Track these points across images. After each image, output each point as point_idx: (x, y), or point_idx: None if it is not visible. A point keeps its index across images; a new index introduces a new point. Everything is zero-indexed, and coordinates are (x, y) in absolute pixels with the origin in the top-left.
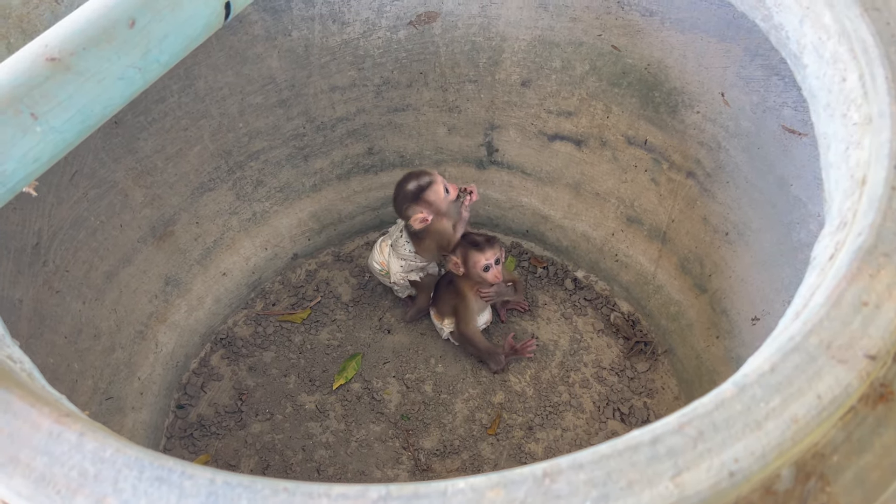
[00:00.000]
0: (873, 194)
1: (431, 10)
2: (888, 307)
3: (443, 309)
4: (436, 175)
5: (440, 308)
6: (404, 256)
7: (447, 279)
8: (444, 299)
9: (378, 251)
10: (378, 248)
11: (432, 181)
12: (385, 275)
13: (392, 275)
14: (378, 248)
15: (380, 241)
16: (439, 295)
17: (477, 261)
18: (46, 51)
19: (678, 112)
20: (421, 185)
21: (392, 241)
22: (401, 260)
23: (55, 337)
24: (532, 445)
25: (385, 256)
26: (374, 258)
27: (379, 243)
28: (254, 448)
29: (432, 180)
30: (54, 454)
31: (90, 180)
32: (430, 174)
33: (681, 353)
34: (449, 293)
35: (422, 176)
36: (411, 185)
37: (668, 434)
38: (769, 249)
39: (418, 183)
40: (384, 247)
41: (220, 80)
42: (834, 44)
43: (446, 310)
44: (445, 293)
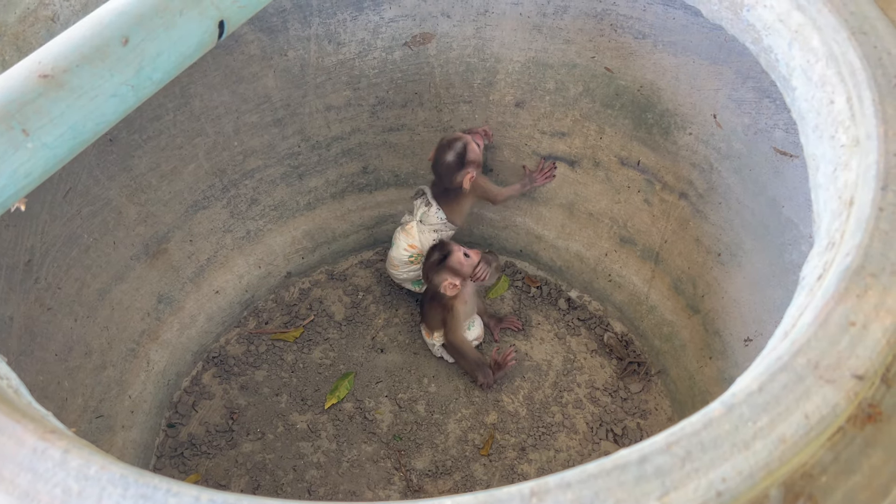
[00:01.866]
0: (861, 215)
1: (427, 32)
2: (875, 327)
3: (432, 323)
4: (467, 138)
5: (429, 322)
6: (436, 227)
7: (430, 294)
8: (431, 313)
9: (403, 239)
10: (401, 236)
11: (466, 143)
12: (415, 260)
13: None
14: (402, 237)
15: (398, 232)
16: (426, 310)
17: (460, 260)
18: (39, 67)
19: (671, 133)
20: (463, 146)
21: (419, 217)
22: (433, 232)
23: (45, 354)
24: (525, 466)
25: (415, 238)
26: (401, 246)
27: (398, 234)
28: (244, 468)
29: (466, 143)
30: (38, 471)
31: (84, 197)
32: (462, 138)
33: (674, 374)
34: (434, 307)
35: (456, 142)
36: (451, 154)
37: (655, 453)
38: (761, 270)
39: (459, 149)
40: (409, 230)
41: (216, 99)
42: (822, 67)
43: (435, 323)
44: (431, 307)
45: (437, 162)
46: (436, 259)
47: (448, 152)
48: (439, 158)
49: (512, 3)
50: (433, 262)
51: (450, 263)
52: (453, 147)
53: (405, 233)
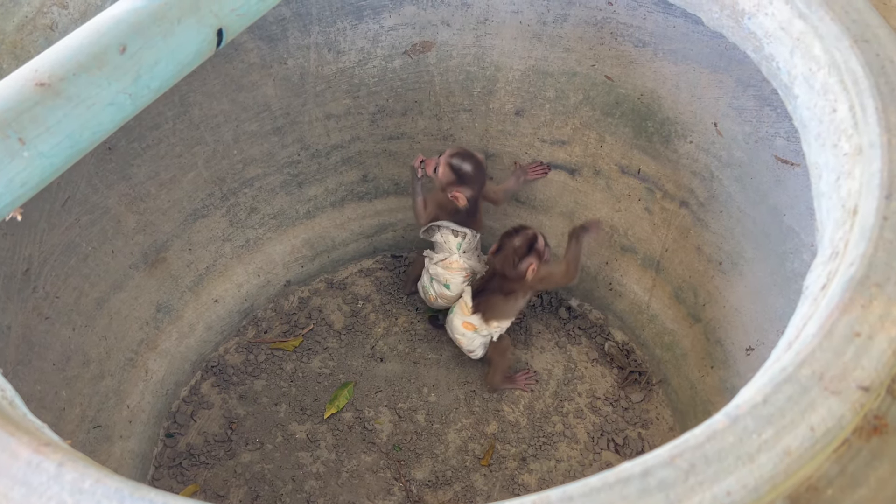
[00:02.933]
0: (864, 224)
1: (426, 40)
2: (881, 338)
3: (497, 312)
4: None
5: (494, 312)
6: (476, 248)
7: (496, 284)
8: (500, 303)
9: (453, 275)
10: (446, 273)
11: (536, 236)
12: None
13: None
14: (447, 273)
15: (438, 270)
16: (492, 301)
17: (542, 243)
18: (36, 76)
19: (671, 142)
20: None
21: (461, 248)
22: (475, 251)
23: (43, 364)
24: (525, 477)
25: (463, 265)
26: (455, 280)
27: (439, 271)
28: (243, 478)
29: (537, 235)
30: (32, 484)
31: (82, 206)
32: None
33: (675, 384)
34: (506, 295)
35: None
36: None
37: (659, 466)
38: (763, 279)
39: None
40: (451, 264)
41: (215, 108)
42: (824, 75)
43: (503, 312)
44: (500, 297)
45: (502, 245)
46: (522, 244)
47: (516, 237)
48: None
49: (512, 11)
50: (519, 247)
51: (537, 247)
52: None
53: (447, 268)
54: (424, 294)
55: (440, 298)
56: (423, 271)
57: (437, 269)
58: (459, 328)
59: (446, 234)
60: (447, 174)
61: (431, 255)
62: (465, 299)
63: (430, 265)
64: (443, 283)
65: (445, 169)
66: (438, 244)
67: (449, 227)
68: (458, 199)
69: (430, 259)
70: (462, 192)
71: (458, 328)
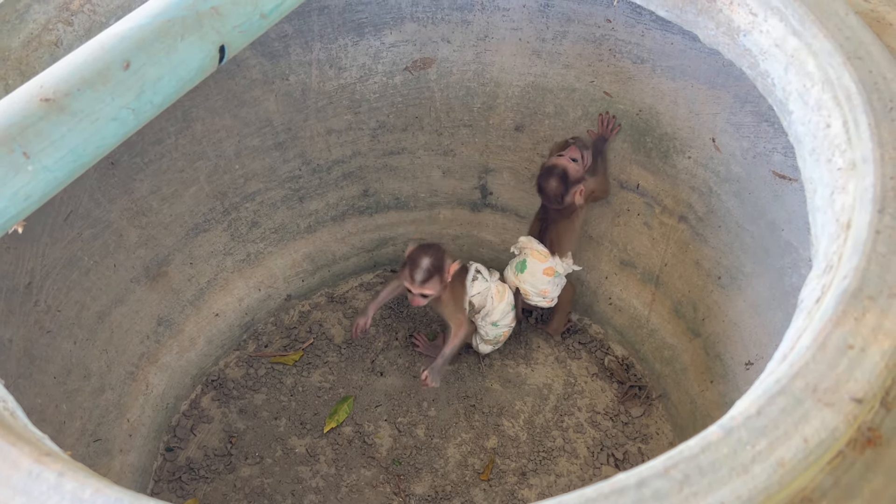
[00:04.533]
0: (858, 238)
1: (427, 57)
2: (874, 350)
3: (567, 243)
4: (563, 162)
5: (564, 244)
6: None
7: (553, 218)
8: (566, 233)
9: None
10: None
11: (564, 167)
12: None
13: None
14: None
15: (498, 289)
16: (560, 235)
17: (576, 169)
18: (41, 91)
19: (670, 157)
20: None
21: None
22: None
23: (44, 377)
24: (525, 492)
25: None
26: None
27: (498, 290)
28: (243, 492)
29: (563, 167)
30: (32, 494)
31: (85, 220)
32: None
33: (675, 398)
34: (567, 224)
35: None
36: (553, 181)
37: (653, 477)
38: (762, 294)
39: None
40: (501, 290)
41: (218, 123)
42: (818, 91)
43: (572, 239)
44: (563, 228)
45: (543, 190)
46: (557, 183)
47: (550, 179)
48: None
49: (511, 28)
50: (557, 186)
51: (573, 178)
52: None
53: (499, 293)
54: (493, 343)
55: (512, 325)
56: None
57: (499, 311)
58: (543, 279)
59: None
60: (448, 262)
61: (483, 314)
62: (536, 248)
63: (487, 321)
64: (510, 311)
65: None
66: (477, 301)
67: (488, 273)
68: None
69: (483, 319)
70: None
71: (542, 279)
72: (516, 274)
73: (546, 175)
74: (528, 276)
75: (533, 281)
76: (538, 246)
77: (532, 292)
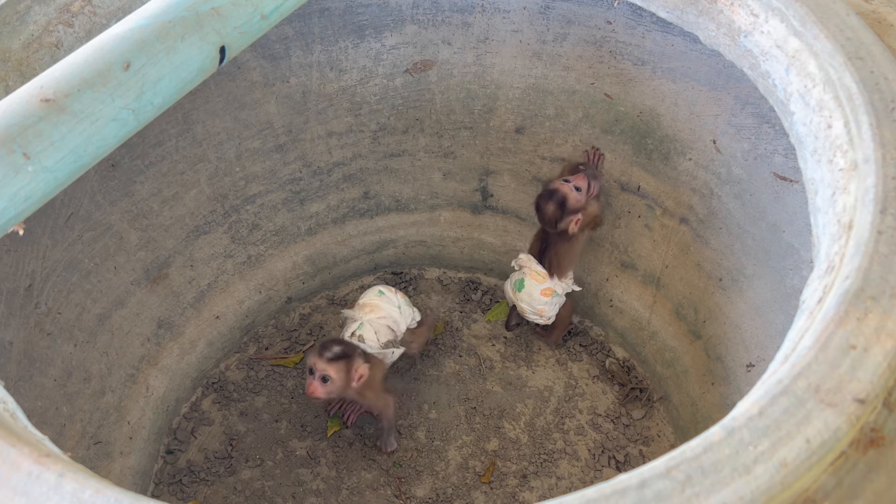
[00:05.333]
0: (860, 238)
1: (427, 59)
2: (876, 351)
3: (567, 263)
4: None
5: (563, 266)
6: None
7: (553, 240)
8: (566, 254)
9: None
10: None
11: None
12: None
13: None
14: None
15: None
16: (559, 253)
17: (577, 198)
18: (41, 92)
19: (671, 159)
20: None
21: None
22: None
23: (44, 380)
24: (526, 494)
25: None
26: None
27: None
28: (243, 495)
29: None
30: (32, 495)
31: (85, 223)
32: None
33: (676, 400)
34: (567, 247)
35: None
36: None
37: (655, 478)
38: (763, 296)
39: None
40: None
41: (218, 125)
42: (819, 91)
43: (570, 260)
44: (563, 250)
45: (539, 210)
46: (554, 208)
47: (548, 203)
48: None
49: (512, 30)
50: (553, 211)
51: (570, 206)
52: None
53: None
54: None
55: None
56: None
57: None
58: (541, 299)
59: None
60: (356, 368)
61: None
62: (534, 269)
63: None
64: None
65: (348, 369)
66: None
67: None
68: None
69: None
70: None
71: (539, 299)
72: (514, 291)
73: (545, 197)
74: (526, 296)
75: (530, 301)
76: (536, 266)
77: (529, 311)
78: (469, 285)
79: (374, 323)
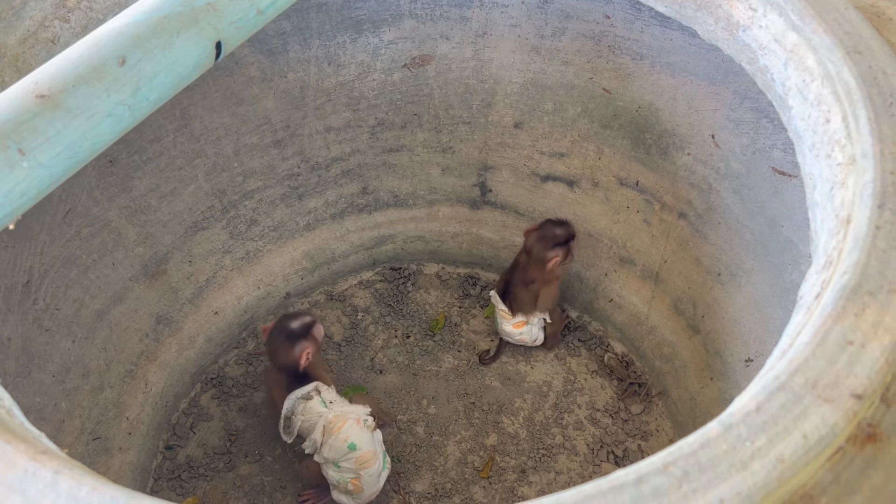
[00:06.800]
0: (858, 233)
1: (426, 54)
2: (874, 346)
3: (527, 305)
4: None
5: (524, 307)
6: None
7: (516, 279)
8: (522, 295)
9: (335, 438)
10: (333, 444)
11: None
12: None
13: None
14: (333, 442)
15: (326, 450)
16: (518, 296)
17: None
18: (36, 87)
19: (669, 154)
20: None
21: (329, 399)
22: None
23: (43, 376)
24: (525, 489)
25: (340, 411)
26: (354, 435)
27: (328, 449)
28: (242, 490)
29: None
30: (28, 493)
31: (83, 218)
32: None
33: (675, 395)
34: (524, 287)
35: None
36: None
37: (652, 474)
38: (761, 290)
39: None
40: (333, 427)
41: (216, 121)
42: (818, 86)
43: (529, 303)
44: (520, 289)
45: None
46: (563, 234)
47: (548, 230)
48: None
49: (510, 25)
50: (559, 236)
51: (572, 246)
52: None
53: (332, 433)
54: (345, 492)
55: (362, 472)
56: (323, 474)
57: (329, 447)
58: (515, 332)
59: (301, 406)
60: (300, 350)
61: (311, 444)
62: (499, 307)
63: (321, 455)
64: (346, 450)
65: (294, 348)
66: (305, 426)
67: (294, 397)
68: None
69: (317, 453)
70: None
71: (514, 333)
72: (496, 323)
73: (559, 223)
74: (502, 328)
75: (507, 331)
76: (501, 305)
77: (511, 339)
78: (468, 281)
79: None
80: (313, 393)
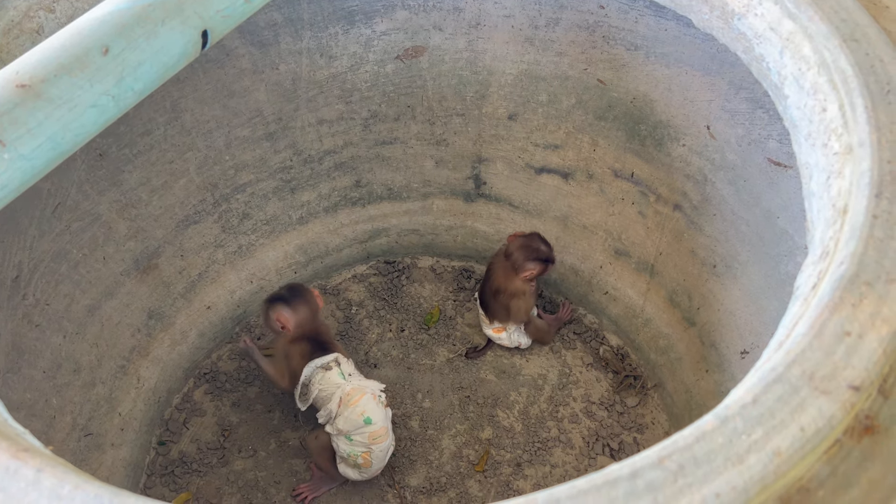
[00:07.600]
0: (854, 223)
1: (419, 45)
2: (871, 337)
3: (500, 315)
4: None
5: (498, 316)
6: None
7: (487, 288)
8: (493, 306)
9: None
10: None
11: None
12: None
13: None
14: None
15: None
16: (491, 306)
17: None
18: (17, 77)
19: (664, 145)
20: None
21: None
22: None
23: (33, 372)
24: (521, 482)
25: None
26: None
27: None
28: (236, 485)
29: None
30: (9, 491)
31: (73, 213)
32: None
33: (671, 388)
34: (493, 298)
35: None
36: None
37: (647, 468)
38: (757, 282)
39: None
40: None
41: (207, 113)
42: (814, 74)
43: (500, 314)
44: (491, 301)
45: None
46: (545, 250)
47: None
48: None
49: (504, 15)
50: (541, 250)
51: (551, 261)
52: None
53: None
54: (353, 466)
55: (373, 447)
56: (333, 446)
57: (345, 419)
58: (495, 336)
59: (319, 375)
60: (274, 313)
61: (325, 414)
62: (479, 310)
63: (334, 426)
64: (361, 423)
65: (268, 311)
66: (321, 395)
67: (313, 365)
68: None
69: (330, 424)
70: (287, 317)
71: (494, 337)
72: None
73: (535, 238)
74: (484, 330)
75: (489, 334)
76: (481, 309)
77: (493, 340)
78: (462, 273)
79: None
80: (333, 364)
